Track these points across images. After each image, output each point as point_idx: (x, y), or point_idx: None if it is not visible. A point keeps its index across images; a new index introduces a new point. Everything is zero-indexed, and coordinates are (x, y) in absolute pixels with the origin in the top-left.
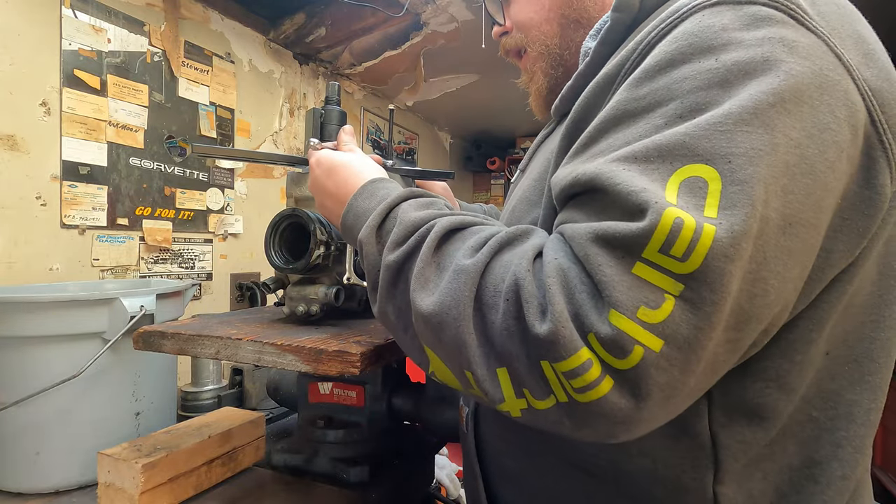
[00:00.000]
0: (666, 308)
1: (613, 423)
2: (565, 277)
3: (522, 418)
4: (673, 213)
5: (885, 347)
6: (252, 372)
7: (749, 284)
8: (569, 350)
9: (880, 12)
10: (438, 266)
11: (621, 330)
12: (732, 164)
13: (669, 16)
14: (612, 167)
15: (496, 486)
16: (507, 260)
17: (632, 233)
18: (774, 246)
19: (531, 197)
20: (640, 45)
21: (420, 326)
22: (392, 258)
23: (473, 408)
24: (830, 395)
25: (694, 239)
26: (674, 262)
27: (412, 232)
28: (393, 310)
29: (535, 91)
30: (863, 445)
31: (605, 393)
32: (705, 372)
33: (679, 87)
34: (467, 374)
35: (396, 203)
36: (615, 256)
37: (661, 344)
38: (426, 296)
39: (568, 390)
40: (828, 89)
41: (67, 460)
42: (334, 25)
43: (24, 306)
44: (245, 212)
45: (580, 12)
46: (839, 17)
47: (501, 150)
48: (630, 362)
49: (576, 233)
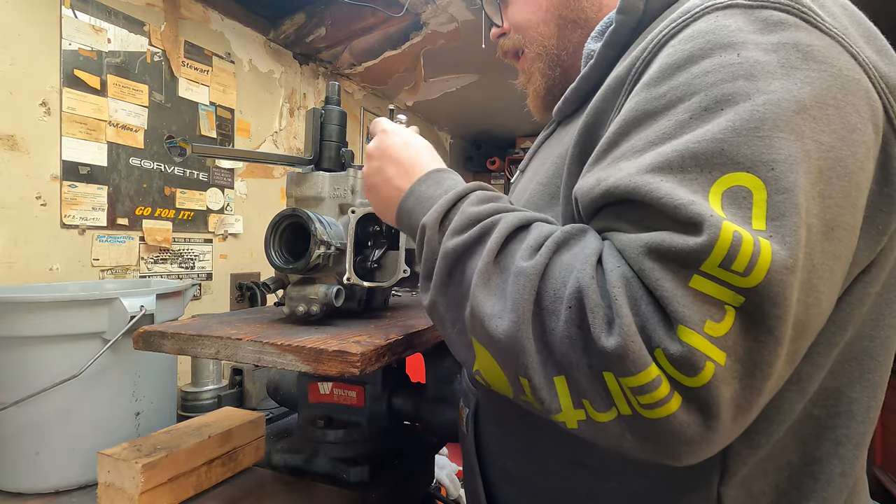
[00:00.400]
0: (728, 321)
1: (680, 443)
2: (630, 288)
3: (580, 430)
4: (731, 228)
5: (884, 346)
6: (252, 372)
7: (804, 295)
8: (638, 366)
9: (880, 12)
10: (502, 267)
11: (692, 346)
12: (776, 172)
13: (681, 16)
14: (647, 179)
15: (496, 486)
16: (567, 262)
17: (690, 247)
18: (821, 252)
19: (539, 202)
20: (650, 46)
21: (476, 323)
22: (451, 245)
23: (474, 409)
24: (831, 393)
25: (754, 253)
26: (735, 276)
27: (476, 222)
28: (444, 300)
29: (532, 92)
30: (862, 443)
31: (673, 410)
32: (770, 389)
33: (701, 81)
34: (522, 381)
35: (465, 194)
36: (671, 270)
37: (724, 357)
38: (488, 297)
39: (633, 405)
40: (850, 90)
41: (67, 460)
42: (334, 25)
43: (24, 306)
44: (245, 212)
45: (577, 13)
46: (848, 17)
47: (501, 150)
48: (701, 380)
49: (626, 244)
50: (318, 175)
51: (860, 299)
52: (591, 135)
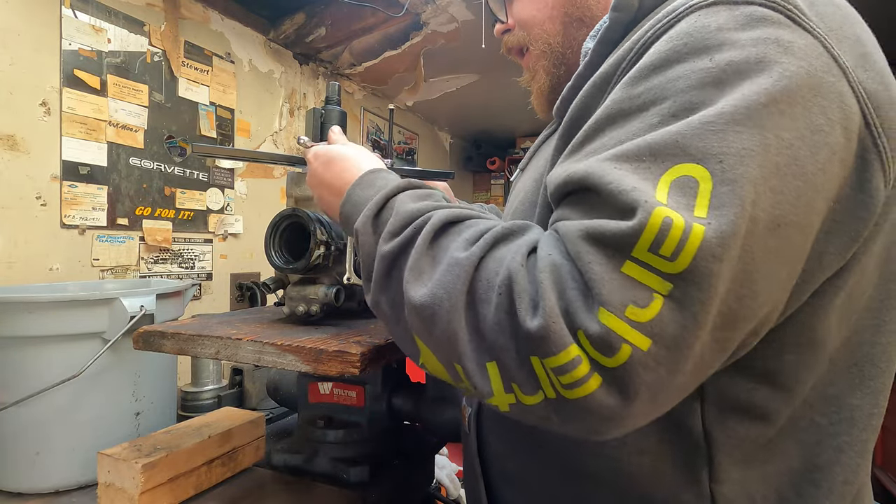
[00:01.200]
0: (654, 307)
1: (600, 420)
2: (558, 273)
3: (511, 413)
4: (662, 213)
5: (886, 352)
6: (252, 372)
7: (737, 285)
8: (558, 346)
9: (880, 13)
10: (433, 258)
11: (609, 328)
12: (723, 164)
13: (666, 15)
14: (603, 165)
15: (497, 487)
16: (501, 254)
17: (621, 231)
18: (763, 247)
19: (532, 198)
20: (637, 45)
21: (412, 318)
22: (387, 248)
23: (476, 409)
24: (832, 400)
25: (682, 238)
26: (662, 261)
27: (408, 223)
28: (386, 300)
29: (537, 90)
30: (865, 450)
31: (592, 390)
32: (692, 371)
33: (673, 86)
34: (457, 367)
35: (394, 193)
36: (605, 255)
37: (648, 343)
38: (419, 287)
39: (556, 386)
40: (821, 91)
41: (67, 460)
42: (334, 25)
43: (24, 306)
44: (245, 212)
45: (583, 11)
46: (838, 19)
47: (501, 150)
48: (618, 360)
49: (568, 230)
50: None
51: (831, 301)
52: (575, 129)
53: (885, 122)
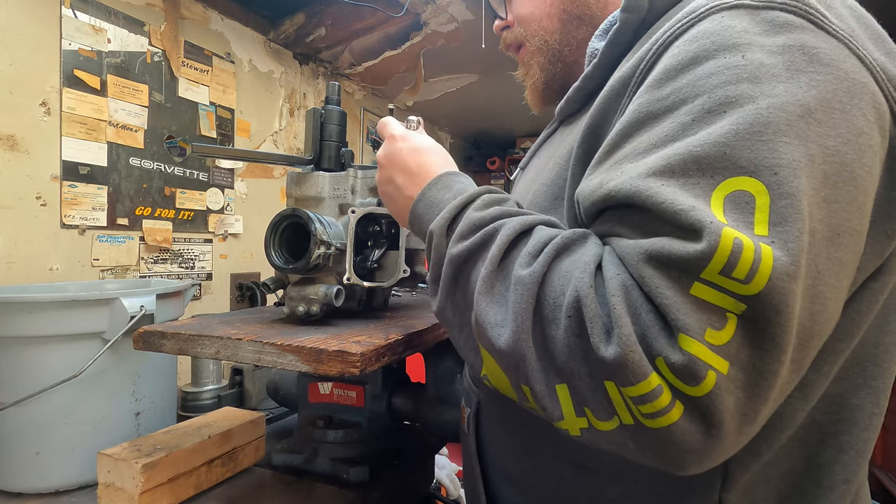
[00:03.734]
0: (729, 329)
1: (683, 452)
2: (629, 297)
3: (582, 437)
4: (731, 234)
5: (888, 352)
6: (252, 372)
7: (808, 302)
8: (638, 376)
9: (880, 13)
10: (504, 273)
11: (693, 355)
12: (779, 177)
13: (686, 16)
14: (648, 183)
15: (497, 486)
16: (566, 270)
17: (689, 255)
18: (826, 258)
19: (543, 203)
20: (655, 46)
21: (479, 333)
22: (455, 251)
23: (475, 408)
24: (834, 400)
25: (755, 260)
26: (736, 283)
27: (479, 227)
28: (452, 306)
29: (531, 85)
30: (865, 450)
31: (675, 420)
32: (776, 398)
33: (705, 83)
34: (524, 389)
35: (473, 199)
36: (671, 278)
37: (727, 366)
38: (490, 304)
39: (635, 414)
40: (856, 93)
41: (67, 460)
42: (334, 25)
43: (24, 306)
44: (245, 212)
45: (583, 9)
46: (856, 18)
47: (501, 150)
48: (703, 389)
49: (626, 251)
50: (318, 175)
51: (868, 307)
52: (596, 136)
53: None
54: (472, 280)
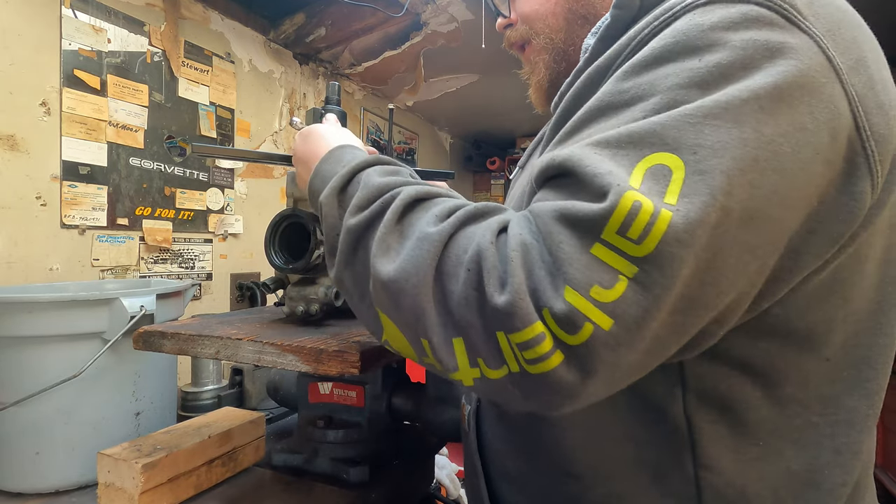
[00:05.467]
0: (619, 289)
1: (558, 395)
2: (527, 252)
3: (474, 387)
4: (632, 196)
5: (883, 354)
6: (252, 372)
7: (701, 272)
8: (524, 322)
9: (880, 12)
10: (401, 234)
11: (574, 307)
12: (697, 155)
13: (663, 13)
14: (584, 150)
15: (497, 485)
16: (471, 231)
17: (592, 213)
18: (732, 238)
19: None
20: (633, 42)
21: (378, 293)
22: (353, 222)
23: (475, 407)
24: (830, 401)
25: (650, 222)
26: (629, 244)
27: (376, 197)
28: (350, 276)
29: (535, 83)
30: (861, 451)
31: (554, 366)
32: (647, 351)
33: (660, 84)
34: (423, 342)
35: (361, 168)
36: (576, 235)
37: (610, 323)
38: (387, 262)
39: (520, 361)
40: (810, 90)
41: (67, 460)
42: (334, 25)
43: (24, 306)
44: (245, 212)
45: (588, 8)
46: (837, 21)
47: (501, 150)
48: (580, 338)
49: (541, 210)
50: None
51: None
52: (566, 120)
53: (875, 126)
54: (370, 245)
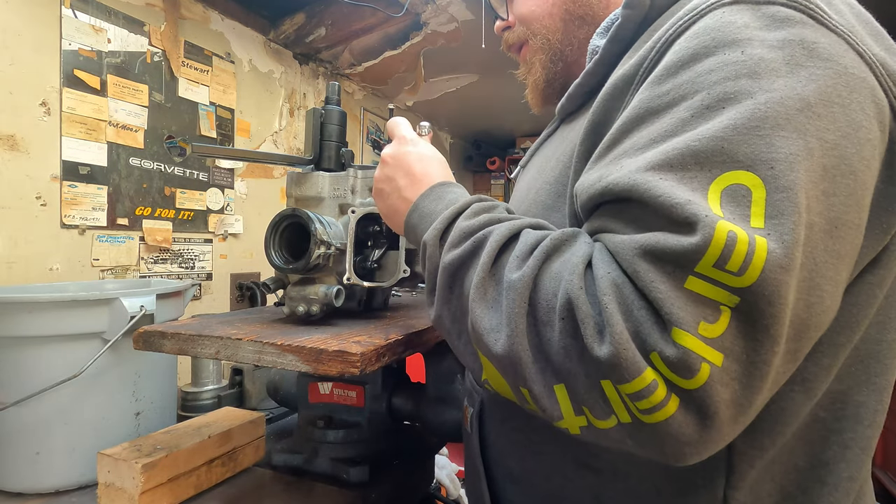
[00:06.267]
0: (723, 321)
1: (681, 444)
2: (621, 294)
3: (582, 435)
4: (725, 227)
5: (891, 349)
6: (252, 372)
7: (804, 293)
8: (632, 373)
9: (880, 13)
10: (495, 278)
11: (687, 348)
12: (775, 171)
13: (687, 13)
14: (646, 177)
15: (500, 486)
16: (556, 271)
17: (684, 248)
18: (823, 251)
19: (546, 200)
20: (658, 44)
21: (476, 339)
22: (448, 258)
23: (478, 408)
24: (838, 396)
25: (749, 252)
26: (729, 276)
27: (469, 235)
28: (448, 314)
29: (532, 83)
30: (869, 447)
31: (671, 413)
32: (770, 388)
33: (704, 80)
34: (523, 391)
35: (464, 209)
36: (666, 272)
37: (721, 358)
38: (485, 310)
39: (632, 411)
40: (856, 87)
41: (67, 460)
42: (334, 25)
43: (24, 306)
44: (245, 212)
45: (585, 9)
46: (855, 15)
47: (501, 150)
48: (698, 381)
49: (620, 247)
50: (318, 175)
51: (866, 300)
52: (598, 133)
53: None
54: (466, 287)
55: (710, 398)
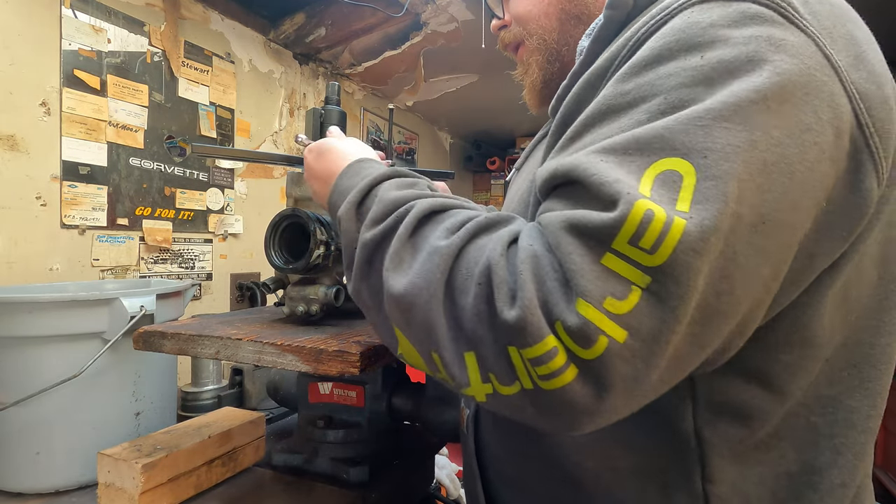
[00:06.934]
0: (632, 299)
1: (576, 413)
2: (538, 264)
3: (487, 403)
4: (644, 205)
5: (885, 353)
6: (252, 372)
7: (716, 280)
8: (535, 337)
9: (881, 13)
10: (413, 247)
11: (587, 319)
12: (708, 160)
13: (660, 12)
14: (590, 158)
15: (496, 488)
16: (482, 244)
17: (602, 223)
18: (745, 243)
19: (527, 197)
20: (631, 42)
21: (391, 308)
22: (369, 236)
23: (474, 410)
24: (829, 401)
25: (663, 231)
26: (642, 253)
27: (391, 211)
28: (367, 288)
29: (529, 84)
30: (863, 452)
31: (568, 381)
32: (668, 367)
33: (663, 84)
34: (434, 357)
35: (379, 181)
36: (586, 246)
37: (625, 335)
38: (399, 277)
39: (533, 377)
40: (813, 90)
41: (67, 460)
42: (334, 25)
43: (24, 306)
44: (245, 212)
45: (581, 8)
46: (832, 18)
47: (501, 150)
48: (595, 352)
49: (550, 221)
50: None
51: (821, 298)
52: (566, 126)
53: (877, 121)
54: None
55: (606, 370)
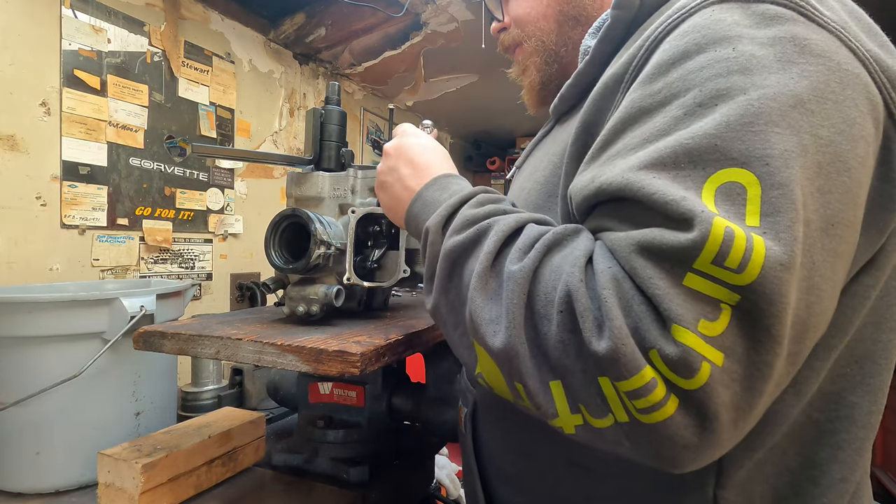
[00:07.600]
0: (724, 319)
1: (678, 448)
2: (620, 289)
3: (577, 435)
4: (722, 223)
5: (886, 349)
6: (252, 372)
7: (804, 293)
8: (631, 369)
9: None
10: (496, 270)
11: (688, 346)
12: (770, 167)
13: (676, 11)
14: (640, 176)
15: (495, 485)
16: (556, 265)
17: (681, 244)
18: (821, 249)
19: (537, 200)
20: (647, 42)
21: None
22: (449, 244)
23: (472, 409)
24: (831, 397)
25: (748, 249)
26: (729, 273)
27: (472, 224)
28: (446, 303)
29: (527, 85)
30: (863, 448)
31: (670, 414)
32: (771, 392)
33: (696, 77)
34: (517, 386)
35: (468, 198)
36: (663, 268)
37: (722, 357)
38: (485, 300)
39: (630, 410)
40: (848, 83)
41: (67, 460)
42: (334, 25)
43: (24, 306)
44: (245, 212)
45: (579, 10)
46: (847, 12)
47: (501, 150)
48: (698, 381)
49: (617, 243)
50: (318, 175)
51: (861, 302)
52: (589, 133)
53: None
54: (466, 276)
55: (710, 399)
